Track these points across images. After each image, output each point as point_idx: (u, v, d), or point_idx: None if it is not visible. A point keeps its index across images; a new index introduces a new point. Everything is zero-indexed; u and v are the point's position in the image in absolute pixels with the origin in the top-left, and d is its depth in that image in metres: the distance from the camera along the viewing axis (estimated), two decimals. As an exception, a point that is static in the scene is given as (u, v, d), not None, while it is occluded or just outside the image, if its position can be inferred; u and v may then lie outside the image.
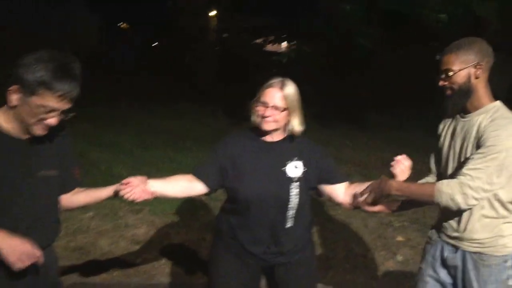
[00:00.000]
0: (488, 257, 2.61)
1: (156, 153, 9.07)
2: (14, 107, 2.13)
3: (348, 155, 9.71)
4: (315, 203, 5.18)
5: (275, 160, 2.77)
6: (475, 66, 2.54)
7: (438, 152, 2.90)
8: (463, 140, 2.61)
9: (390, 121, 13.45)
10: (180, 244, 5.22)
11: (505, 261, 2.61)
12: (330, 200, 2.99)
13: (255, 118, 2.77)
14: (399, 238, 5.59)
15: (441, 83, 2.62)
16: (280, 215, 2.76)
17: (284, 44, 18.23)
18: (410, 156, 2.82)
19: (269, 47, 18.84)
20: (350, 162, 9.12)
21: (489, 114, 2.52)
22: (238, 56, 17.40)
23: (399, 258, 5.16)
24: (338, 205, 3.05)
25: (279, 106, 2.68)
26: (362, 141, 11.23)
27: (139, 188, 2.59)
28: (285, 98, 2.69)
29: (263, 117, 2.70)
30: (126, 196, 2.56)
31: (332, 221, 5.62)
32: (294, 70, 13.85)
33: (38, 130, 2.18)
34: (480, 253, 2.63)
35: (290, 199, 2.74)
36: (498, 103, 2.60)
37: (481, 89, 2.58)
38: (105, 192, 2.62)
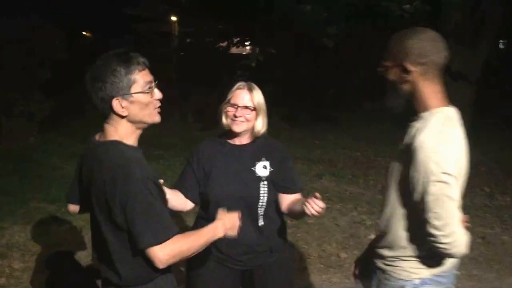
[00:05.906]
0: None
1: (129, 162, 9.03)
2: (125, 116, 2.15)
3: (317, 155, 9.88)
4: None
5: (245, 161, 2.89)
6: (406, 64, 2.09)
7: None
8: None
9: (358, 118, 13.65)
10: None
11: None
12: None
13: (225, 121, 2.88)
14: (372, 236, 5.57)
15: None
16: (251, 214, 2.85)
17: (248, 47, 18.37)
18: (378, 152, 2.86)
19: (234, 50, 18.97)
20: (319, 162, 9.28)
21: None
22: (203, 61, 17.36)
23: (373, 256, 5.20)
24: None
25: (249, 106, 2.82)
26: (330, 139, 11.42)
27: None
28: (253, 99, 2.83)
29: (235, 117, 2.82)
30: None
31: (304, 221, 5.69)
32: (261, 72, 14.00)
33: (157, 116, 2.31)
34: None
35: (260, 197, 2.84)
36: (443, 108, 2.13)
37: (424, 91, 2.13)
38: None
